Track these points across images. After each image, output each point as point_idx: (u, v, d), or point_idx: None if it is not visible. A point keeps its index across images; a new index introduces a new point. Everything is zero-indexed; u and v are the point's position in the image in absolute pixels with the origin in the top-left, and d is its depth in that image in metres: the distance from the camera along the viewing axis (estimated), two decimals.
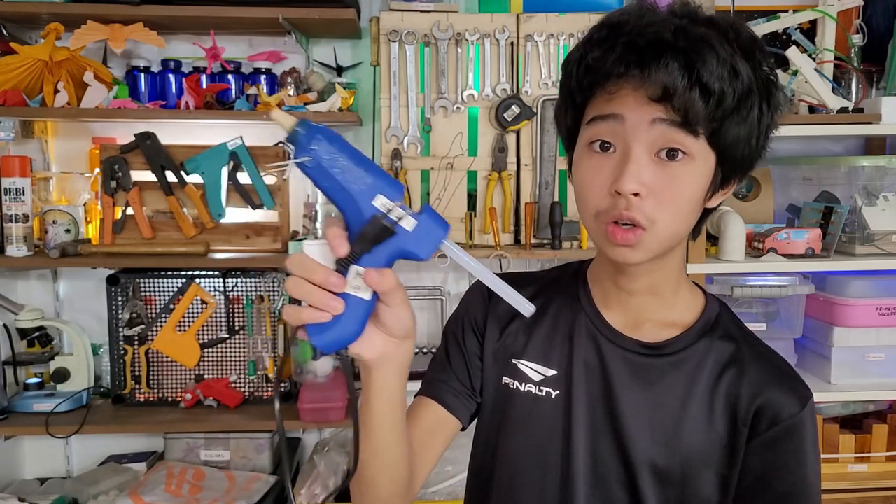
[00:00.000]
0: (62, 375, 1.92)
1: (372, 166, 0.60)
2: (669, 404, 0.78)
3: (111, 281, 1.91)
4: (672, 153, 0.70)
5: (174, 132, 1.93)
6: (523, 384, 0.84)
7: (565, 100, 0.77)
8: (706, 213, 0.79)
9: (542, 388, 0.83)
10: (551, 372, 0.83)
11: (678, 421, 0.78)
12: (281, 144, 1.92)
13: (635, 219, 0.70)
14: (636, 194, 0.69)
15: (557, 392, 0.82)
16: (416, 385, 0.88)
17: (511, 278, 0.73)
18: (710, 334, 0.81)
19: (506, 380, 0.85)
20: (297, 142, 0.57)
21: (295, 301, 0.59)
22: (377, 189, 0.59)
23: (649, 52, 0.67)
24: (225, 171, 1.87)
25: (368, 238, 0.59)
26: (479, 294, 0.91)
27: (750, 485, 0.77)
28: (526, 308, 0.63)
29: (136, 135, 1.85)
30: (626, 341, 0.81)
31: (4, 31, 1.86)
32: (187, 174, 1.87)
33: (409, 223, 0.59)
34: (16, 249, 1.82)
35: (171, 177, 1.87)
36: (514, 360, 0.85)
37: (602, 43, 0.70)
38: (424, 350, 2.08)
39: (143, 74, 1.92)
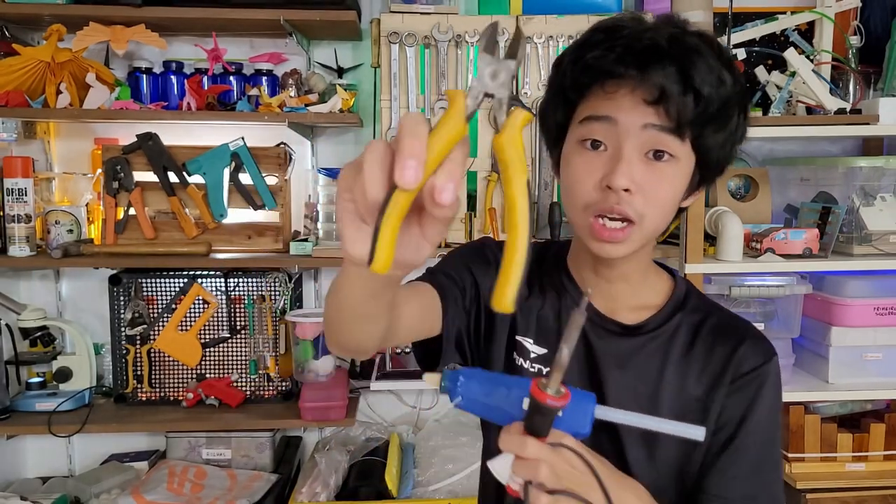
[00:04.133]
0: (64, 375, 1.93)
1: (508, 380, 0.70)
2: (647, 376, 0.85)
3: (113, 281, 1.92)
4: (659, 154, 0.75)
5: (176, 133, 1.94)
6: (526, 360, 0.89)
7: (556, 96, 0.81)
8: (678, 213, 0.84)
9: (534, 364, 0.88)
10: (541, 350, 0.88)
11: (656, 389, 0.84)
12: (283, 146, 1.93)
13: (626, 213, 0.75)
14: (627, 190, 0.74)
15: (548, 370, 0.85)
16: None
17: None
18: (681, 310, 0.88)
19: (515, 355, 0.89)
20: (448, 390, 0.69)
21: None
22: (521, 395, 0.67)
23: (647, 55, 0.71)
24: (226, 172, 1.88)
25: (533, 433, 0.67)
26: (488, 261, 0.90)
27: (710, 434, 0.83)
28: (694, 433, 0.66)
29: (138, 135, 1.86)
30: (608, 323, 0.86)
31: (6, 33, 1.87)
32: (189, 175, 1.88)
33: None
34: (18, 249, 1.84)
35: (173, 177, 1.88)
36: (518, 337, 0.89)
37: (600, 44, 0.74)
38: None
39: (144, 76, 1.93)
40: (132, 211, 1.89)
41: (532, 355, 0.88)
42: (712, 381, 0.84)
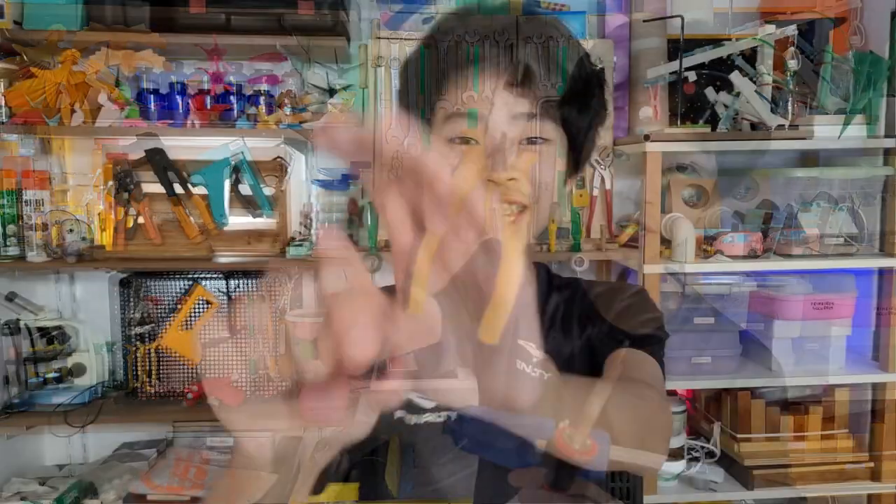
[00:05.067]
0: (78, 371, 2.08)
1: (518, 418, 0.65)
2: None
3: (122, 283, 2.07)
4: (532, 140, 0.74)
5: (181, 146, 2.09)
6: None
7: (412, 89, 0.78)
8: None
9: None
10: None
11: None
12: (279, 160, 2.11)
13: (517, 200, 0.72)
14: (512, 179, 0.71)
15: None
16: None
17: None
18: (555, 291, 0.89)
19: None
20: (451, 431, 0.65)
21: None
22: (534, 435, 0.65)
23: (508, 34, 0.70)
24: (227, 182, 2.06)
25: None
26: None
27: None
28: (654, 461, 0.63)
29: (146, 150, 2.02)
30: None
31: (24, 57, 2.03)
32: (193, 185, 2.05)
33: None
34: (35, 255, 1.99)
35: (178, 188, 2.04)
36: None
37: (453, 31, 0.72)
38: None
39: (152, 95, 2.09)
40: (140, 219, 2.05)
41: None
42: (596, 340, 0.83)
